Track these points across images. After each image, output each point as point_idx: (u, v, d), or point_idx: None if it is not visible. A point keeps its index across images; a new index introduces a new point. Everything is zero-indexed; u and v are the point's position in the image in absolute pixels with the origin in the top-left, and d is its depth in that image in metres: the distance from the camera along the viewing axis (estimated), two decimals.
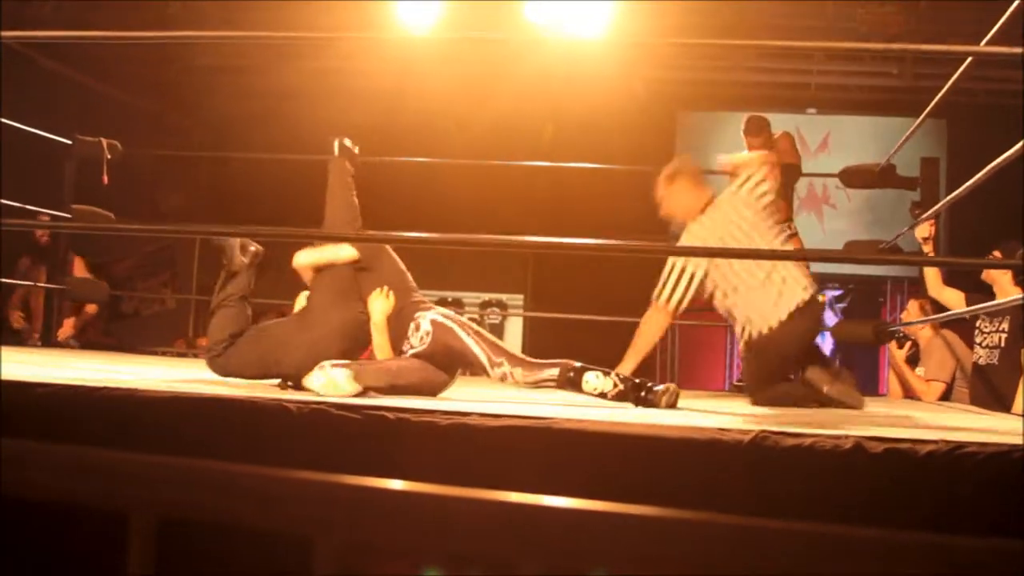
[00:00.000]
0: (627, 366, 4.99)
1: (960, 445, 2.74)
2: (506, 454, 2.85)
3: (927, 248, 7.09)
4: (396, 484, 1.05)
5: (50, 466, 1.05)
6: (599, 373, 4.30)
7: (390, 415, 3.01)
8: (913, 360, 7.84)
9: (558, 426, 2.93)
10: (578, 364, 4.35)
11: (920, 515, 2.62)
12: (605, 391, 4.26)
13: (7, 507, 1.30)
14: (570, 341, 10.51)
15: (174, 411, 3.19)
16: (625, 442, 2.87)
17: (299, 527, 1.05)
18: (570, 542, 0.99)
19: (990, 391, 6.78)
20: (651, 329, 5.24)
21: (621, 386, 4.26)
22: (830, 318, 12.82)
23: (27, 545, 2.73)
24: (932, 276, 7.25)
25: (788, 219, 7.84)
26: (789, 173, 7.66)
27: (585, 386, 4.27)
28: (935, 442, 2.77)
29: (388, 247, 4.91)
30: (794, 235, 7.81)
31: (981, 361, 6.96)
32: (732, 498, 2.71)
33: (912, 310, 7.66)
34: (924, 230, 6.99)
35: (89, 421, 3.11)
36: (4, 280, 7.96)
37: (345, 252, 4.76)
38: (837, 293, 13.40)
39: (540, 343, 11.78)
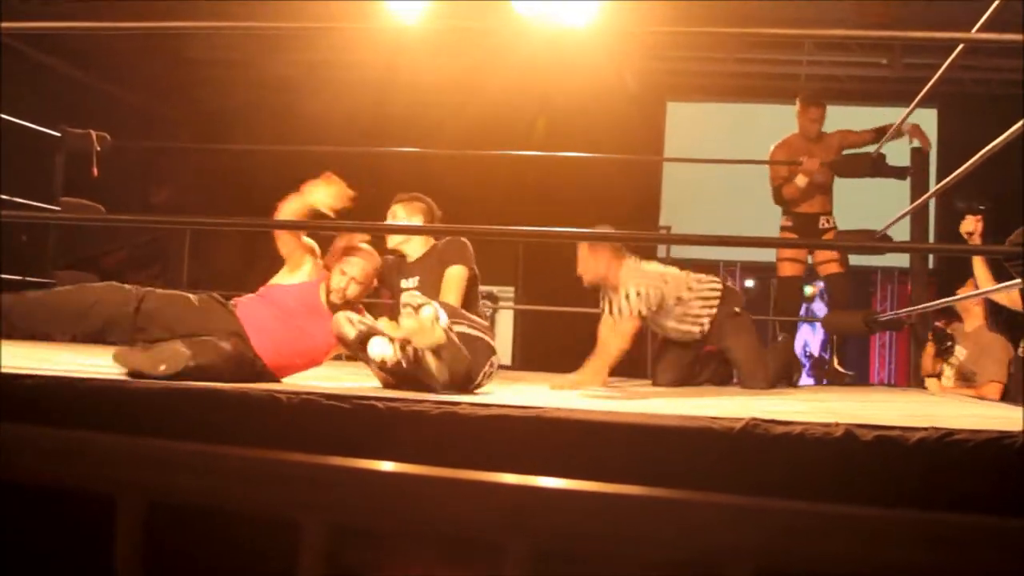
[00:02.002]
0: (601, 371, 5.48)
1: (950, 432, 2.74)
2: (497, 442, 2.85)
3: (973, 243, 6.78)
4: (386, 466, 1.04)
5: (36, 449, 1.05)
6: (386, 340, 4.24)
7: (380, 404, 3.00)
8: (945, 354, 7.51)
9: (548, 415, 2.93)
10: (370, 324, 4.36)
11: (910, 502, 2.62)
12: (386, 359, 4.22)
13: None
14: (561, 333, 10.53)
15: (163, 403, 3.18)
16: (616, 430, 2.87)
17: (287, 509, 1.05)
18: (560, 522, 0.99)
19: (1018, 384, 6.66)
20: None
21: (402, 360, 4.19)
22: (820, 308, 12.84)
23: (13, 528, 2.72)
24: (983, 274, 6.77)
25: (828, 211, 7.80)
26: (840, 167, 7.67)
27: (370, 350, 4.25)
28: (925, 429, 2.77)
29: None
30: (831, 229, 7.73)
31: (1020, 352, 6.83)
32: (723, 486, 2.71)
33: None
34: (969, 224, 6.70)
35: (77, 413, 3.10)
36: None
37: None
38: None
39: (531, 336, 11.78)
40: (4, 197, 6.82)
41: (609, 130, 10.20)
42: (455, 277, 5.18)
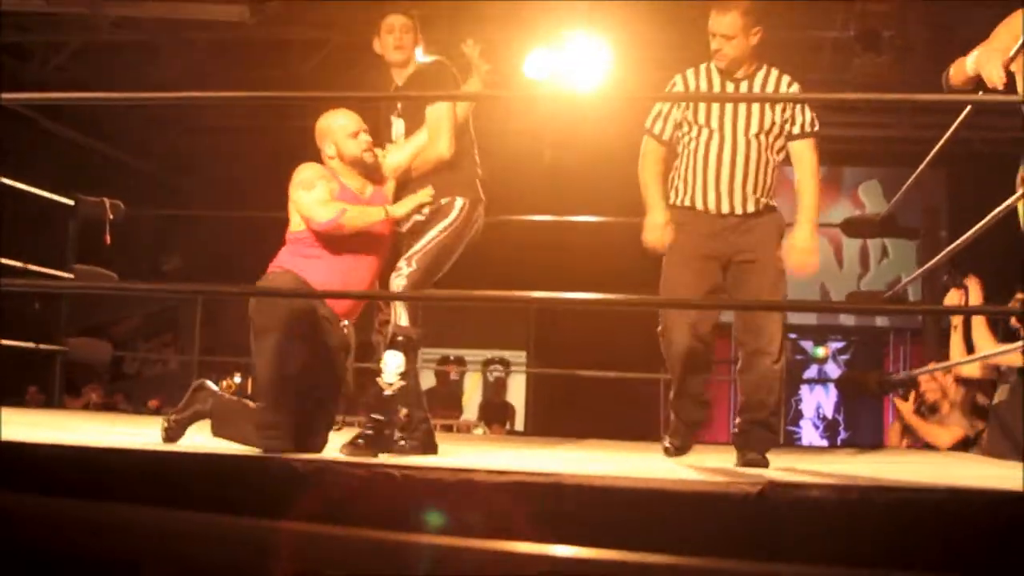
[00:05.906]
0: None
1: (968, 493, 2.74)
2: (514, 510, 2.84)
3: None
4: (407, 536, 1.05)
5: (65, 520, 1.06)
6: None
7: (396, 472, 3.00)
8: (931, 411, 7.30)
9: (566, 481, 2.92)
10: None
11: (927, 562, 2.61)
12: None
13: (24, 559, 1.29)
14: (574, 397, 10.51)
15: (182, 470, 3.18)
16: (634, 496, 2.86)
17: None
18: None
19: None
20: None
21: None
22: (833, 370, 12.84)
23: None
24: (983, 337, 6.40)
25: None
26: None
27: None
28: (940, 490, 2.77)
29: None
30: None
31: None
32: (741, 550, 2.70)
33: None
34: (954, 298, 6.50)
35: (96, 482, 3.10)
36: (2, 342, 7.92)
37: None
38: (840, 345, 13.40)
39: (544, 399, 11.76)
40: (17, 265, 6.85)
41: (619, 191, 10.21)
42: (437, 118, 4.49)
